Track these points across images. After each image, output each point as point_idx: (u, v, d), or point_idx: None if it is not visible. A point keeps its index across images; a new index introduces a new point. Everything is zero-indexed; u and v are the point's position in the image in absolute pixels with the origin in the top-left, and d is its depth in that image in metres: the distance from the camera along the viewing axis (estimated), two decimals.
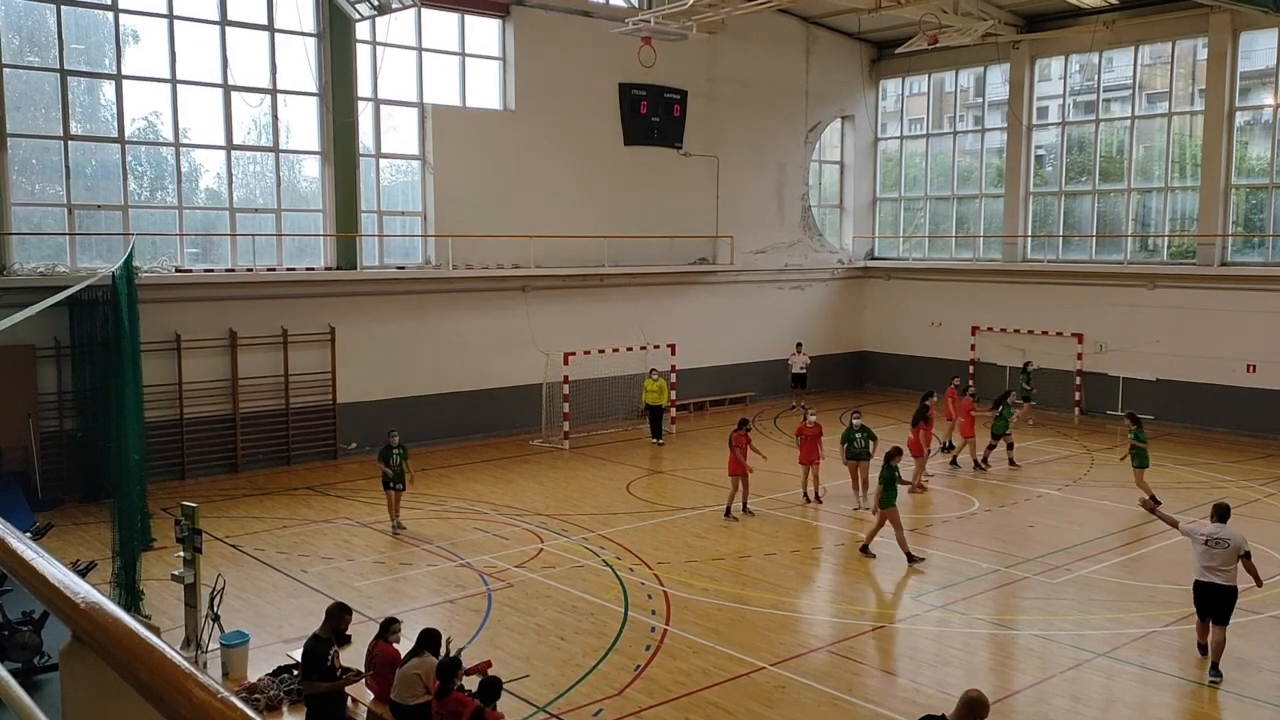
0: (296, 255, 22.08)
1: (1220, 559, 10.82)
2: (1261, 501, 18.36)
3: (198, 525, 11.40)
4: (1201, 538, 10.97)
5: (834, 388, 30.20)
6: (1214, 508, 11.27)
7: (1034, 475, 20.28)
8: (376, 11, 21.03)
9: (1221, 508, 11.19)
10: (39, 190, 19.40)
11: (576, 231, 24.95)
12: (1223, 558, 10.82)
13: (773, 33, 28.48)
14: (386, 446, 16.42)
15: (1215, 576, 10.82)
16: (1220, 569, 10.81)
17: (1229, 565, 10.82)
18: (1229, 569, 10.82)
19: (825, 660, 11.48)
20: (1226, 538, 10.87)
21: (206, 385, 20.22)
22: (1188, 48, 25.68)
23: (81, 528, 16.39)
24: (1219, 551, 10.82)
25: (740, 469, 17.09)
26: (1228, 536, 10.88)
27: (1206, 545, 10.88)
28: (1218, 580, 10.81)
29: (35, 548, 2.01)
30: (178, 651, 1.59)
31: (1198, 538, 11.03)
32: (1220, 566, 10.81)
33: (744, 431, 17.40)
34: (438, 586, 13.96)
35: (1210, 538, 10.90)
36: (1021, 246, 28.85)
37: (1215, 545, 10.85)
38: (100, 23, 19.63)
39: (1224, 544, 10.83)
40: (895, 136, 32.22)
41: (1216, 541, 10.85)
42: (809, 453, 18.01)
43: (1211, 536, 10.90)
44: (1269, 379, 23.86)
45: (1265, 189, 24.67)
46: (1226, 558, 10.82)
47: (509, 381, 24.15)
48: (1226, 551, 10.82)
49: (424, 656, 8.85)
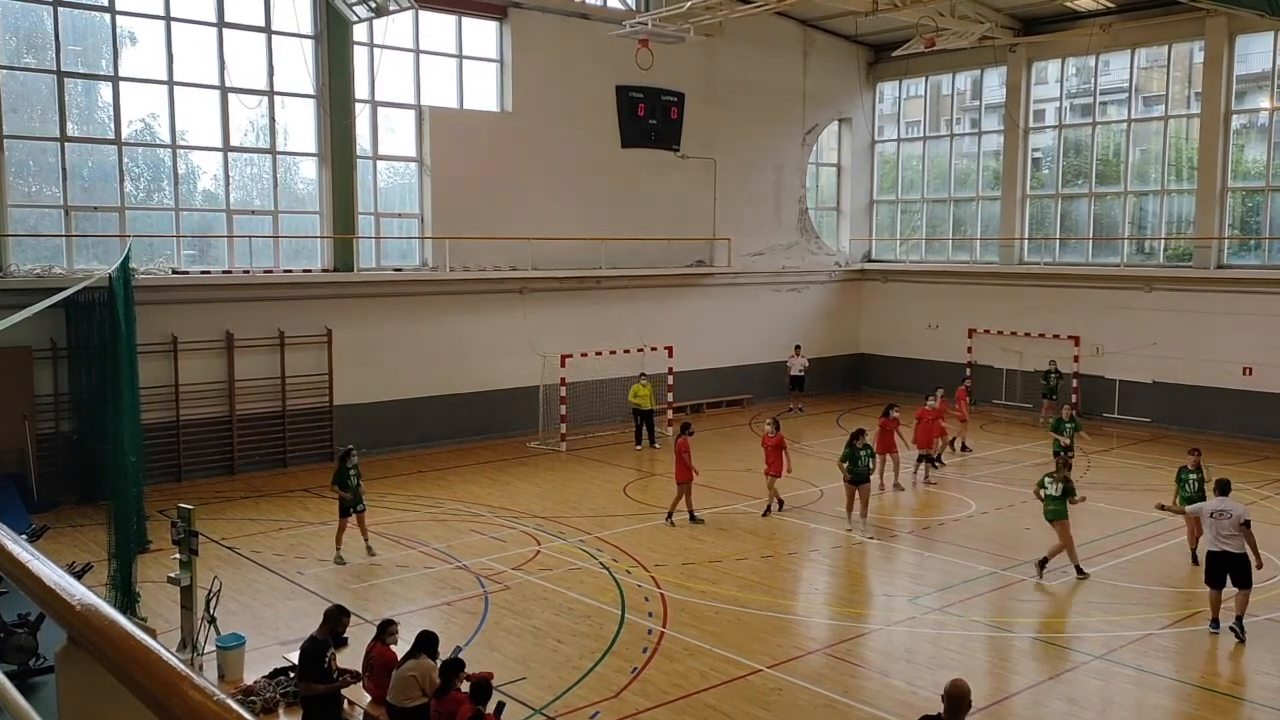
0: (293, 257, 22.07)
1: (1228, 529, 11.80)
2: (1258, 504, 18.35)
3: (194, 527, 11.39)
4: (1207, 511, 12.15)
5: (831, 390, 30.23)
6: (1216, 482, 12.48)
7: (1031, 478, 20.25)
8: (374, 13, 21.05)
9: (1223, 482, 12.40)
10: (36, 192, 19.38)
11: (574, 234, 24.95)
12: (1228, 527, 11.80)
13: (770, 35, 28.51)
14: (343, 469, 14.98)
15: (1227, 545, 11.81)
16: (1229, 538, 11.79)
17: (1235, 535, 11.79)
18: (1238, 538, 11.78)
19: (822, 662, 11.48)
20: (1228, 509, 11.96)
21: (203, 387, 20.20)
22: (1184, 51, 25.73)
23: (78, 530, 16.36)
24: (1225, 522, 11.82)
25: (686, 475, 16.95)
26: (1229, 508, 11.97)
27: (1213, 518, 11.99)
28: (1230, 548, 11.80)
29: (31, 550, 2.01)
30: (174, 654, 1.59)
31: (1205, 513, 12.12)
32: (1229, 536, 11.79)
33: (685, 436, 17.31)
34: (434, 589, 13.94)
35: (1215, 510, 12.03)
36: (1018, 249, 28.88)
37: (1220, 517, 11.90)
38: (97, 24, 19.62)
39: (1226, 515, 11.87)
40: (892, 139, 32.25)
41: (1220, 514, 11.92)
42: (774, 463, 17.54)
43: (1215, 509, 12.04)
44: (1265, 382, 23.90)
45: (1261, 192, 24.72)
46: (1230, 527, 11.80)
47: (506, 384, 24.14)
48: (1230, 521, 11.81)
49: (421, 659, 8.84)
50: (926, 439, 19.88)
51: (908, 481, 19.65)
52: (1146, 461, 21.78)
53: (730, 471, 20.25)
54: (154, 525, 15.92)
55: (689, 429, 17.68)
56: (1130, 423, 25.91)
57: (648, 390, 23.39)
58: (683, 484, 17.03)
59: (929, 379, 25.05)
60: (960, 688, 7.29)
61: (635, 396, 23.36)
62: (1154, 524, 16.34)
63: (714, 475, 19.29)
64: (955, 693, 7.26)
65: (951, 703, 7.23)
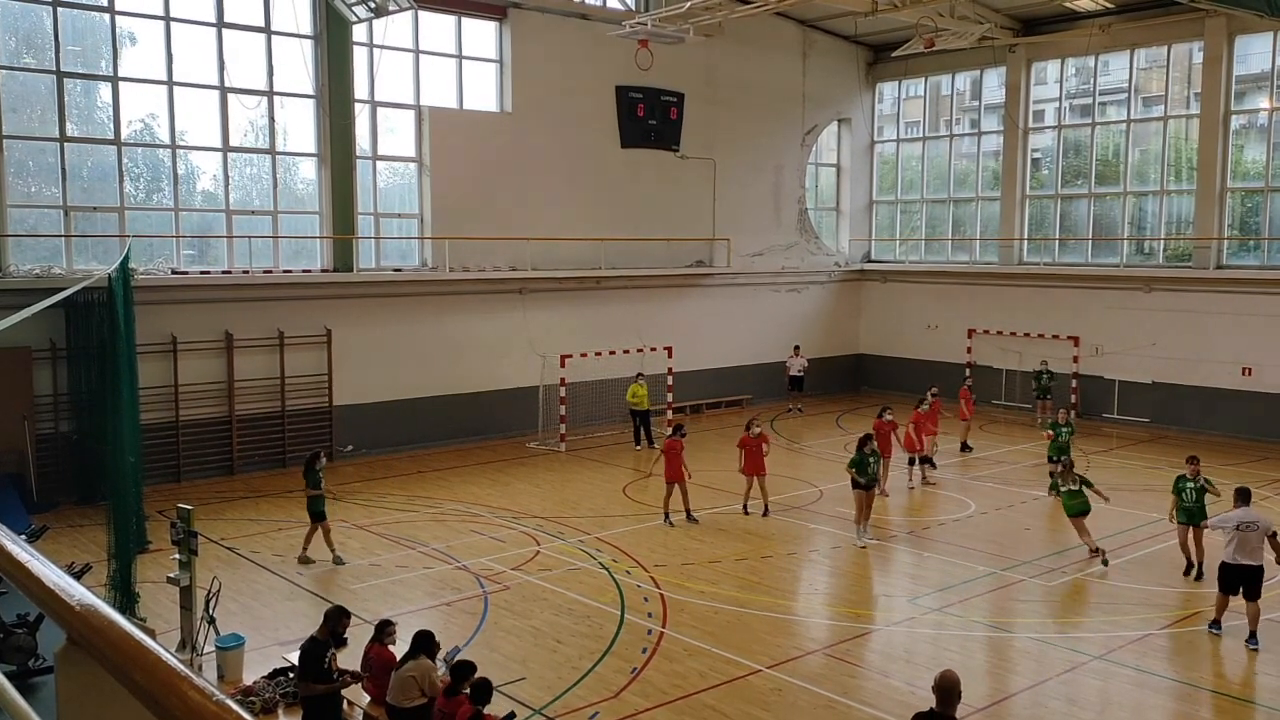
0: (293, 257, 22.07)
1: (1254, 541, 11.47)
2: (1257, 505, 18.32)
3: (193, 528, 11.39)
4: (1233, 523, 11.60)
5: (830, 391, 30.23)
6: (1237, 491, 11.92)
7: (1030, 478, 20.28)
8: (373, 14, 21.05)
9: (1244, 491, 11.89)
10: (35, 192, 19.38)
11: (573, 234, 24.96)
12: (1256, 539, 11.48)
13: (770, 36, 28.52)
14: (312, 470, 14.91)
15: (1247, 558, 11.45)
16: (1253, 550, 11.47)
17: (1260, 546, 11.48)
18: (1259, 549, 11.48)
19: (821, 663, 11.48)
20: (1255, 520, 11.62)
21: (202, 387, 20.20)
22: (1183, 51, 25.73)
23: (77, 530, 16.36)
24: (1251, 535, 11.47)
25: (673, 475, 17.00)
26: (1255, 519, 11.64)
27: (1239, 530, 11.52)
28: (1249, 561, 11.45)
29: (30, 550, 2.01)
30: (173, 654, 1.59)
31: (1229, 527, 11.65)
32: (1253, 548, 11.47)
33: (678, 437, 17.37)
34: (434, 589, 13.94)
35: (1242, 523, 11.59)
36: (1018, 249, 28.89)
37: (1248, 529, 11.49)
38: (97, 24, 19.62)
39: (1254, 527, 11.51)
40: (892, 139, 32.26)
41: (1248, 526, 11.51)
42: (753, 464, 17.46)
43: (1243, 522, 11.59)
44: (1265, 382, 23.91)
45: (1261, 192, 24.72)
46: (1258, 539, 11.47)
47: (505, 384, 24.14)
48: (1257, 534, 11.48)
49: (420, 660, 8.84)
50: (911, 442, 19.63)
51: (895, 487, 19.27)
52: (1146, 462, 21.80)
53: (730, 472, 20.16)
54: (153, 525, 15.93)
55: (681, 430, 17.72)
56: (1129, 423, 25.91)
57: (645, 390, 23.31)
58: (670, 483, 17.04)
59: (929, 379, 25.02)
60: (950, 678, 7.40)
61: (633, 397, 23.30)
62: (1153, 524, 16.35)
63: (714, 475, 19.29)
64: (945, 683, 7.36)
65: (942, 693, 7.34)
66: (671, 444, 17.27)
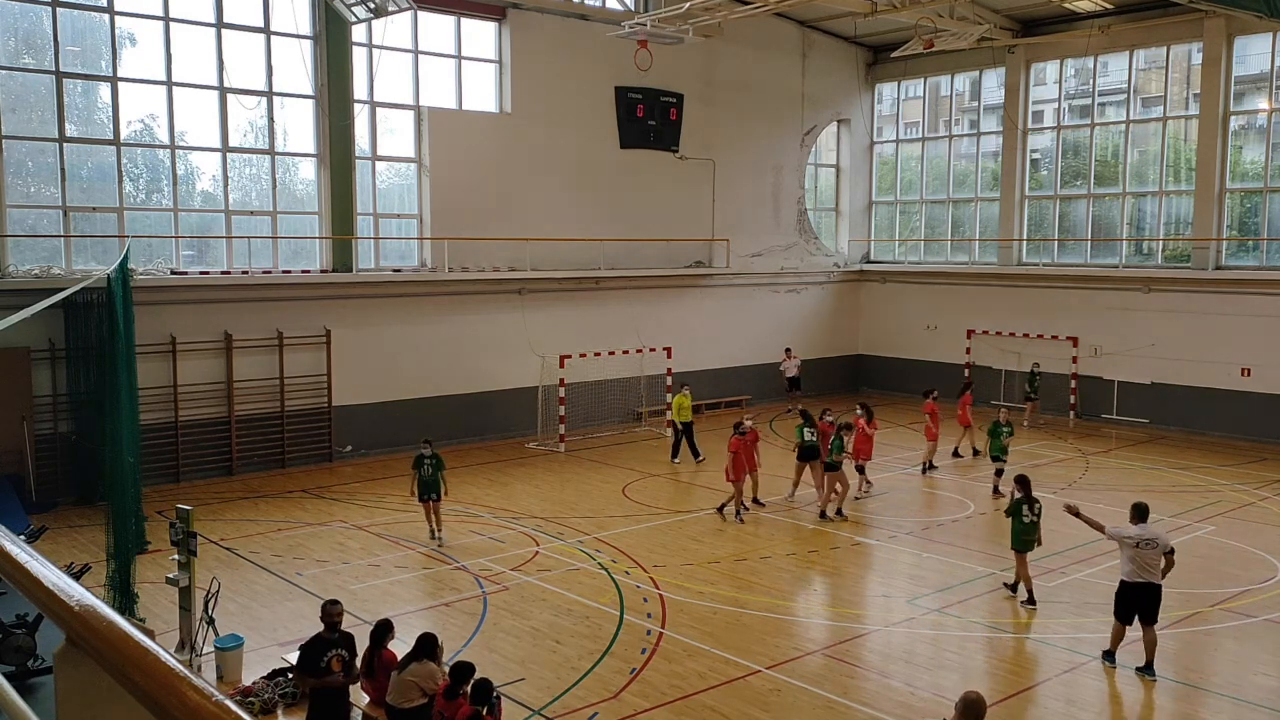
0: (292, 258, 22.07)
1: (1152, 559, 10.94)
2: (1256, 505, 18.38)
3: (192, 528, 11.39)
4: (1131, 540, 11.01)
5: (830, 391, 30.21)
6: (1134, 507, 11.29)
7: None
8: (373, 14, 21.04)
9: (1141, 507, 11.26)
10: (34, 192, 19.38)
11: (572, 235, 24.96)
12: (1154, 557, 10.94)
13: (769, 36, 28.53)
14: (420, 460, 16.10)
15: (1149, 576, 10.93)
16: (1152, 569, 10.93)
17: (1158, 564, 10.96)
18: (1158, 567, 10.96)
19: (821, 663, 11.48)
20: (1154, 537, 11.01)
21: (201, 388, 20.19)
22: (1182, 52, 25.75)
23: (76, 531, 16.36)
24: (1150, 552, 10.94)
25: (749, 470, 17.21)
26: (1154, 536, 11.03)
27: (1138, 548, 10.96)
28: (1153, 579, 10.94)
29: (29, 551, 2.01)
30: (172, 655, 1.59)
31: (1127, 541, 11.05)
32: (1152, 566, 10.93)
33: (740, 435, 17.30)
34: (433, 590, 13.95)
35: (1141, 540, 10.97)
36: (1017, 250, 28.90)
37: (1147, 547, 10.95)
38: (96, 25, 19.62)
39: (1153, 544, 10.96)
40: (891, 140, 32.27)
41: (1147, 543, 10.96)
42: (748, 463, 17.28)
43: (1142, 539, 10.98)
44: (1263, 383, 23.91)
45: (1260, 193, 24.73)
46: (1156, 557, 10.95)
47: (505, 384, 24.14)
48: (1156, 551, 10.95)
49: (423, 662, 8.83)
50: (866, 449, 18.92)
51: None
52: (1145, 462, 21.80)
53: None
54: (152, 526, 15.92)
55: (740, 428, 17.38)
56: (1128, 424, 25.92)
57: (689, 402, 21.89)
58: (738, 482, 17.06)
59: (928, 380, 25.05)
60: (976, 698, 7.23)
61: (678, 410, 21.79)
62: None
63: (713, 476, 19.28)
64: (973, 703, 7.18)
65: (971, 713, 7.15)
66: (736, 442, 17.08)
